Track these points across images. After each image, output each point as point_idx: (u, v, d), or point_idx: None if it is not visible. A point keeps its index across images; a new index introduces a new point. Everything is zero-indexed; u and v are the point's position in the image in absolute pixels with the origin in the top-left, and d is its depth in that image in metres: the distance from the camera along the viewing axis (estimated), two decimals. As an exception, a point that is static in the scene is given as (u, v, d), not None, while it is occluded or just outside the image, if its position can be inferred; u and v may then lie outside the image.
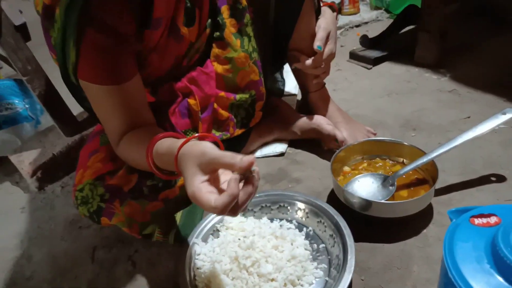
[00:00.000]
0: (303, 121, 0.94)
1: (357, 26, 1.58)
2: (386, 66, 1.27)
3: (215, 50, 0.81)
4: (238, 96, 0.83)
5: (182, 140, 0.52)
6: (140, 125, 0.66)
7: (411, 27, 1.33)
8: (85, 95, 0.65)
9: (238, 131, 0.88)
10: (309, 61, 0.87)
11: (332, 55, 0.88)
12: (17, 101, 1.13)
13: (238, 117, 0.87)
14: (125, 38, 0.60)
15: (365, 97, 1.14)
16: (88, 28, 0.56)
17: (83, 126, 1.09)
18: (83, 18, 0.55)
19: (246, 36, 0.81)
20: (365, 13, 1.64)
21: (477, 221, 0.44)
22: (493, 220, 0.44)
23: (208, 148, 0.47)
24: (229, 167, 0.46)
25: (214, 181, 0.49)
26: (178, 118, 0.79)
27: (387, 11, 1.61)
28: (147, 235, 0.73)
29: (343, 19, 1.61)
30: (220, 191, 0.47)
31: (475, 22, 1.39)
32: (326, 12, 0.90)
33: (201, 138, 0.56)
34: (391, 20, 1.38)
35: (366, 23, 1.59)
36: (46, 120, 1.17)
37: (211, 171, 0.48)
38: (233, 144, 0.88)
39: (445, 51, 1.22)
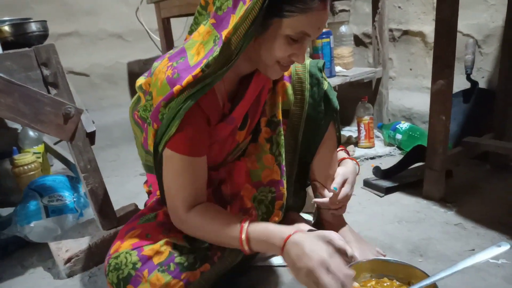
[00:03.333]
0: (311, 232, 1.03)
1: (371, 158, 1.76)
2: (396, 195, 1.39)
3: (250, 149, 0.98)
4: (259, 189, 0.97)
5: (285, 233, 0.75)
6: (200, 201, 0.84)
7: (420, 164, 1.49)
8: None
9: None
10: (326, 199, 1.00)
11: (347, 197, 1.00)
12: (67, 194, 1.29)
13: (259, 211, 0.97)
14: (205, 129, 0.83)
15: (376, 221, 1.24)
16: (192, 114, 0.77)
17: (121, 222, 1.21)
18: (192, 109, 0.76)
19: (276, 143, 0.98)
20: (379, 148, 1.83)
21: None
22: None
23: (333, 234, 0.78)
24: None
25: None
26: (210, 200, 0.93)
27: (399, 148, 1.80)
28: None
29: (359, 151, 1.79)
30: None
31: (478, 165, 1.54)
32: (348, 162, 1.05)
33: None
34: (402, 156, 1.55)
35: (380, 156, 1.77)
36: (88, 213, 1.31)
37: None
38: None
39: (451, 188, 1.34)
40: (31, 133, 1.73)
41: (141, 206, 1.23)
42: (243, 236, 0.76)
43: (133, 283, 0.80)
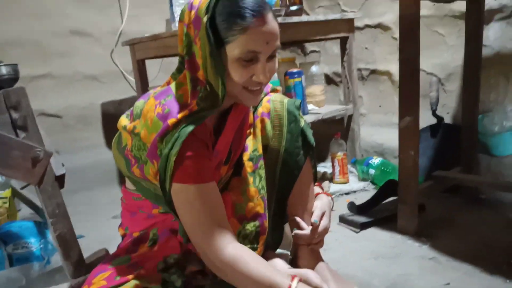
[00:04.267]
0: (290, 272, 1.01)
1: (346, 193, 1.77)
2: (372, 231, 1.40)
3: (233, 183, 0.99)
4: (244, 224, 0.96)
5: None
6: (227, 234, 0.81)
7: (393, 198, 1.51)
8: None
9: None
10: (306, 231, 1.00)
11: (326, 230, 1.02)
12: (33, 241, 1.23)
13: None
14: (207, 155, 0.84)
15: (353, 258, 1.23)
16: (189, 142, 0.79)
17: (89, 269, 1.16)
18: (189, 137, 0.78)
19: (258, 176, 0.99)
20: (354, 183, 1.86)
21: None
22: None
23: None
24: None
25: None
26: None
27: (372, 183, 1.83)
28: None
29: (334, 187, 1.81)
30: None
31: (450, 198, 1.58)
32: (323, 197, 1.08)
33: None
34: (376, 191, 1.57)
35: (354, 191, 1.79)
36: (56, 261, 1.24)
37: None
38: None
39: (425, 222, 1.36)
40: (-2, 177, 1.66)
41: (113, 251, 1.19)
42: None
43: None
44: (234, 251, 0.79)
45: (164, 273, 0.90)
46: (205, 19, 0.77)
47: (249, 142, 1.00)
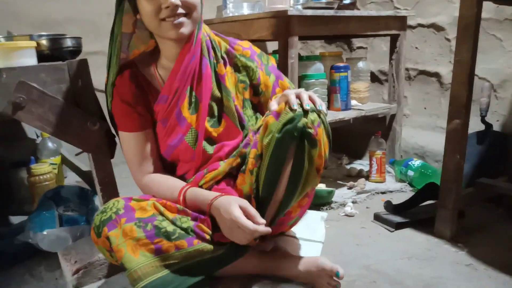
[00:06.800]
0: (305, 260, 1.05)
1: (382, 193, 1.75)
2: (407, 231, 1.39)
3: (239, 180, 1.01)
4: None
5: (216, 193, 0.95)
6: (156, 169, 1.05)
7: (432, 201, 1.49)
8: None
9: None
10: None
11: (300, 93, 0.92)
12: (81, 206, 1.31)
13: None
14: (135, 107, 1.02)
15: (386, 256, 1.23)
16: (115, 97, 1.03)
17: (131, 237, 1.22)
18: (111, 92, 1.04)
19: (255, 175, 0.96)
20: (390, 183, 1.83)
21: None
22: None
23: (244, 202, 0.90)
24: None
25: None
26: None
27: (410, 184, 1.80)
28: (123, 267, 0.87)
29: (370, 185, 1.80)
30: None
31: (491, 208, 1.53)
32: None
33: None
34: (413, 193, 1.55)
35: (391, 191, 1.77)
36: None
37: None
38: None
39: (463, 229, 1.33)
40: (49, 144, 1.77)
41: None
42: (181, 198, 0.97)
43: (109, 227, 0.86)
44: (148, 179, 1.04)
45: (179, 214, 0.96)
46: None
47: (258, 143, 0.94)
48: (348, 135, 2.22)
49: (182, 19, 0.93)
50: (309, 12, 1.53)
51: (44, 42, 1.13)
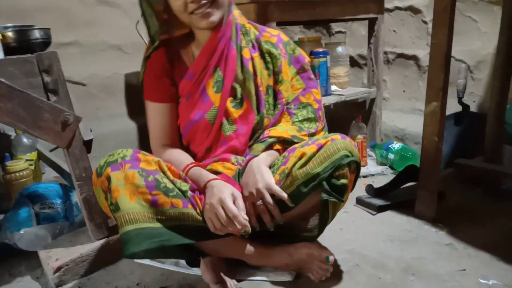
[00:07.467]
0: (295, 248, 1.06)
1: (364, 176, 1.77)
2: (389, 214, 1.41)
3: None
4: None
5: (209, 177, 0.98)
6: (173, 145, 1.11)
7: (412, 183, 1.51)
8: None
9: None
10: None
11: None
12: (59, 202, 1.27)
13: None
14: (163, 80, 1.09)
15: (369, 240, 1.24)
16: (147, 68, 1.08)
17: (112, 232, 1.20)
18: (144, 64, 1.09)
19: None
20: (372, 167, 1.85)
21: None
22: None
23: (238, 194, 0.93)
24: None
25: None
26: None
27: (391, 167, 1.82)
28: (115, 209, 0.88)
29: (352, 170, 1.81)
30: None
31: (470, 188, 1.57)
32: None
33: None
34: (394, 176, 1.57)
35: (372, 175, 1.79)
36: (80, 223, 1.29)
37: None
38: None
39: (443, 210, 1.36)
40: (24, 140, 1.71)
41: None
42: (184, 172, 1.01)
43: (113, 168, 0.88)
44: (163, 152, 1.09)
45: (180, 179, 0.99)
46: None
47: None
48: (329, 120, 2.22)
49: (209, 9, 0.98)
50: (286, -3, 1.50)
51: (10, 34, 1.08)
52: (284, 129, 1.08)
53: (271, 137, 1.06)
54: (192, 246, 1.02)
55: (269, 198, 0.96)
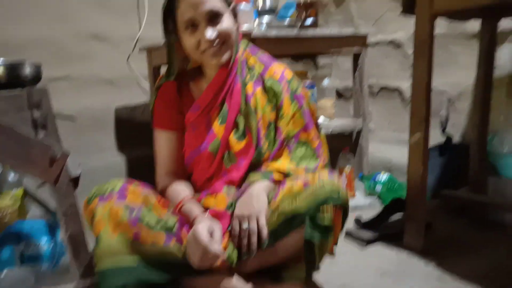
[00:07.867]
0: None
1: (353, 208, 1.77)
2: (378, 247, 1.40)
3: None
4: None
5: (198, 213, 1.01)
6: (177, 173, 1.14)
7: (400, 215, 1.52)
8: None
9: None
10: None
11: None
12: (44, 241, 1.25)
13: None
14: (171, 109, 1.15)
15: (360, 274, 1.23)
16: (158, 98, 1.15)
17: (98, 270, 1.17)
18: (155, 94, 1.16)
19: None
20: (360, 198, 1.86)
21: None
22: None
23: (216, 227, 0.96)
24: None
25: None
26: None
27: (380, 197, 1.83)
28: (96, 243, 0.92)
29: (341, 201, 1.81)
30: None
31: (457, 218, 1.58)
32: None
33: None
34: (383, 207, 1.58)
35: (361, 207, 1.79)
36: (64, 262, 1.26)
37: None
38: None
39: (431, 240, 1.36)
40: (11, 175, 1.69)
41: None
42: (177, 209, 1.04)
43: (100, 199, 0.94)
44: (166, 184, 1.12)
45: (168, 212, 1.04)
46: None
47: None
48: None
49: (220, 49, 1.04)
50: (273, 33, 1.56)
51: (0, 69, 1.09)
52: (282, 163, 1.09)
53: (268, 170, 1.08)
54: (179, 283, 1.01)
55: (254, 227, 0.97)
